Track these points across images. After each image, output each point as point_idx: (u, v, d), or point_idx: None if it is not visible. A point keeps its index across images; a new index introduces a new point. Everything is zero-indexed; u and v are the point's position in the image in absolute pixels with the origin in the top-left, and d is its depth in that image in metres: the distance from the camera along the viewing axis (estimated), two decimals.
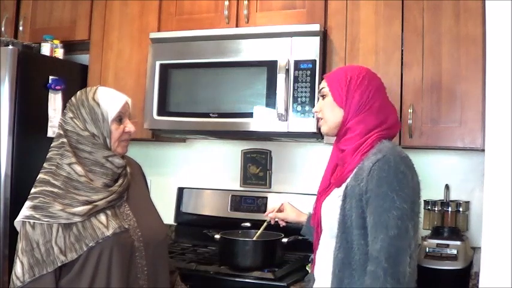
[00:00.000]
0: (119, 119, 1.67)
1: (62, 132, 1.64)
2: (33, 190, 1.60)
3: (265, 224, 2.10)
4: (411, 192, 1.50)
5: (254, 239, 2.21)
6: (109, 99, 1.66)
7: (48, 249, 1.52)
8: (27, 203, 1.58)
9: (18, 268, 1.53)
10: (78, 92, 1.70)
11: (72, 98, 1.70)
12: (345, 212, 1.54)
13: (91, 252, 1.54)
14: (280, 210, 2.01)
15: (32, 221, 1.54)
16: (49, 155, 1.64)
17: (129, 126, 1.70)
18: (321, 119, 1.70)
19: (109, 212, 1.61)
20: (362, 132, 1.59)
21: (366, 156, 1.55)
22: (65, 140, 1.62)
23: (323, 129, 1.71)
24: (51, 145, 1.66)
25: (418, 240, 1.62)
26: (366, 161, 1.54)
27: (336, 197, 1.60)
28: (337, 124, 1.65)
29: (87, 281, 1.53)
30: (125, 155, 1.74)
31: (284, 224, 2.01)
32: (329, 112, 1.66)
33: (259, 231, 2.17)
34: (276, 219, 2.02)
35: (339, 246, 1.54)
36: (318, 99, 1.74)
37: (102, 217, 1.58)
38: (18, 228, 1.59)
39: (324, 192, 1.69)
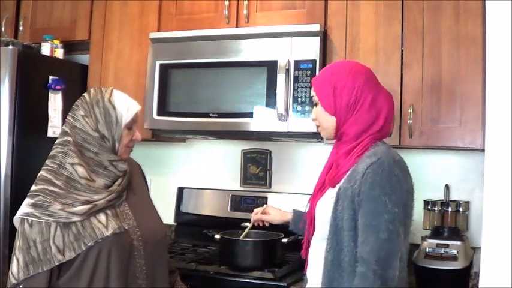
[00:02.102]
0: (130, 126, 1.68)
1: (68, 129, 1.63)
2: (33, 188, 1.59)
3: (250, 225, 2.14)
4: (404, 196, 1.51)
5: (240, 238, 2.21)
6: (125, 105, 1.67)
7: (46, 248, 1.52)
8: (27, 200, 1.58)
9: (14, 266, 1.53)
10: (92, 90, 1.68)
11: (85, 95, 1.67)
12: (336, 214, 1.55)
13: (90, 251, 1.54)
14: (264, 213, 2.07)
15: (30, 218, 1.54)
16: (52, 152, 1.63)
17: (137, 135, 1.71)
18: (318, 126, 1.72)
19: (109, 212, 1.60)
20: (355, 135, 1.60)
21: (361, 158, 1.56)
22: (70, 138, 1.61)
23: (323, 135, 1.73)
24: (56, 142, 1.64)
25: (413, 241, 1.62)
26: (360, 163, 1.55)
27: (329, 198, 1.61)
28: (333, 129, 1.66)
29: (86, 281, 1.53)
30: None
31: (267, 224, 2.09)
32: (323, 119, 1.67)
33: (245, 232, 2.19)
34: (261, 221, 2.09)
35: (329, 248, 1.54)
36: (313, 106, 1.75)
37: (102, 217, 1.58)
38: (16, 225, 1.59)
39: (319, 191, 1.70)
